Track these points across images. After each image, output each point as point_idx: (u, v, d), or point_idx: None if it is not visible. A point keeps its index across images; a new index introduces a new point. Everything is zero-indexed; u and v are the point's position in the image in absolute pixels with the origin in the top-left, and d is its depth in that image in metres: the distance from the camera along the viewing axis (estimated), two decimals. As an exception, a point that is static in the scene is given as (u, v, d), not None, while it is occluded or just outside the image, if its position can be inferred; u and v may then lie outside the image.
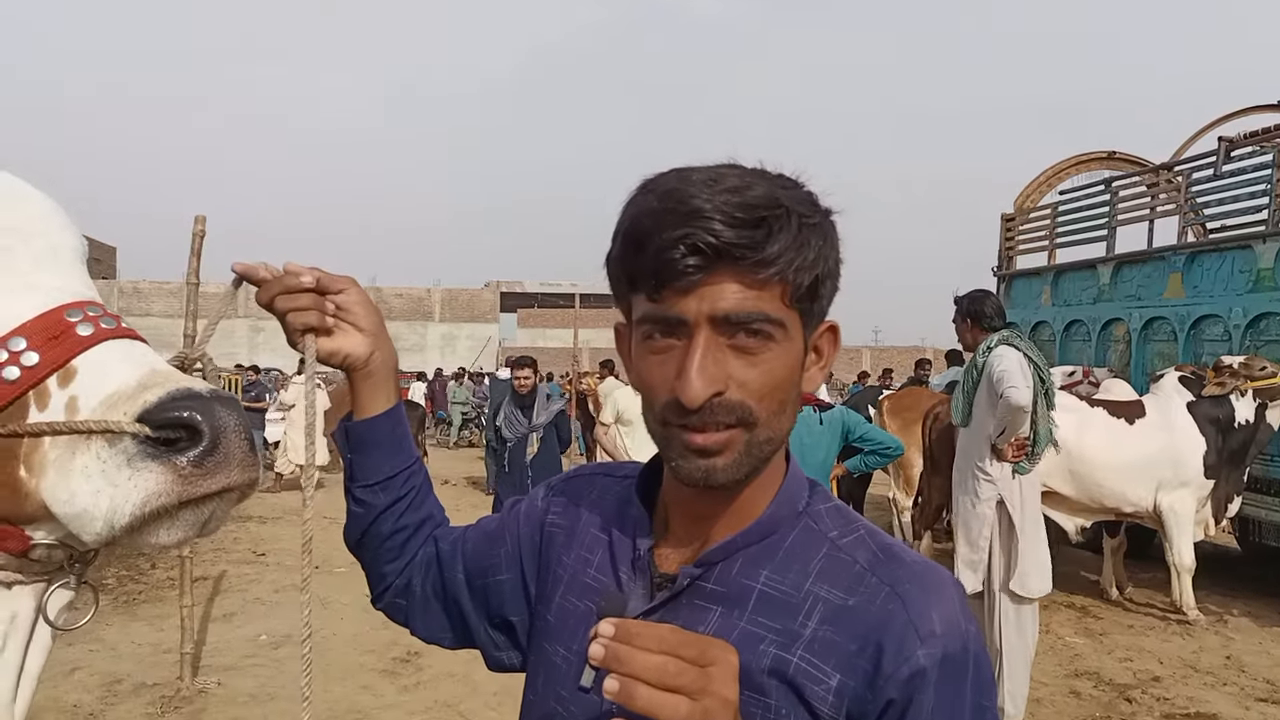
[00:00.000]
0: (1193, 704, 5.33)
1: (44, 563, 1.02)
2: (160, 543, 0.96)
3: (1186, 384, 7.21)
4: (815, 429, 4.71)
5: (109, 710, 4.98)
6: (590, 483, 1.20)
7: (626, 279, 0.95)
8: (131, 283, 43.62)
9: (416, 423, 16.06)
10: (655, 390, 0.94)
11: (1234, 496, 7.19)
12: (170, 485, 0.92)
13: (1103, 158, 11.25)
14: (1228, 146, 8.47)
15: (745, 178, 0.90)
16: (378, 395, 1.20)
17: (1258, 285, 7.61)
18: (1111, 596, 7.72)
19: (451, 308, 45.62)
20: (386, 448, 1.21)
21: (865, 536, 1.00)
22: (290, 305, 1.10)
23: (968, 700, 0.91)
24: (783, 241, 0.88)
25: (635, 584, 1.04)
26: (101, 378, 0.97)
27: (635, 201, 0.94)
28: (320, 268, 1.13)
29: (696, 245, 0.87)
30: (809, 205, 0.93)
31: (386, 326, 1.20)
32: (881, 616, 0.91)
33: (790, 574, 0.97)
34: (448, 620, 1.25)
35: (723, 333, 0.90)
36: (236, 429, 0.96)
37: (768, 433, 0.94)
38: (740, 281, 0.89)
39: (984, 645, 0.95)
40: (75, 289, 1.04)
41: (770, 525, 1.00)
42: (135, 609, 7.02)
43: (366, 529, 1.23)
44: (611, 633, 0.76)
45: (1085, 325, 9.77)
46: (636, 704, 0.73)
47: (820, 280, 0.94)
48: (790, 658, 0.92)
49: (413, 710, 5.09)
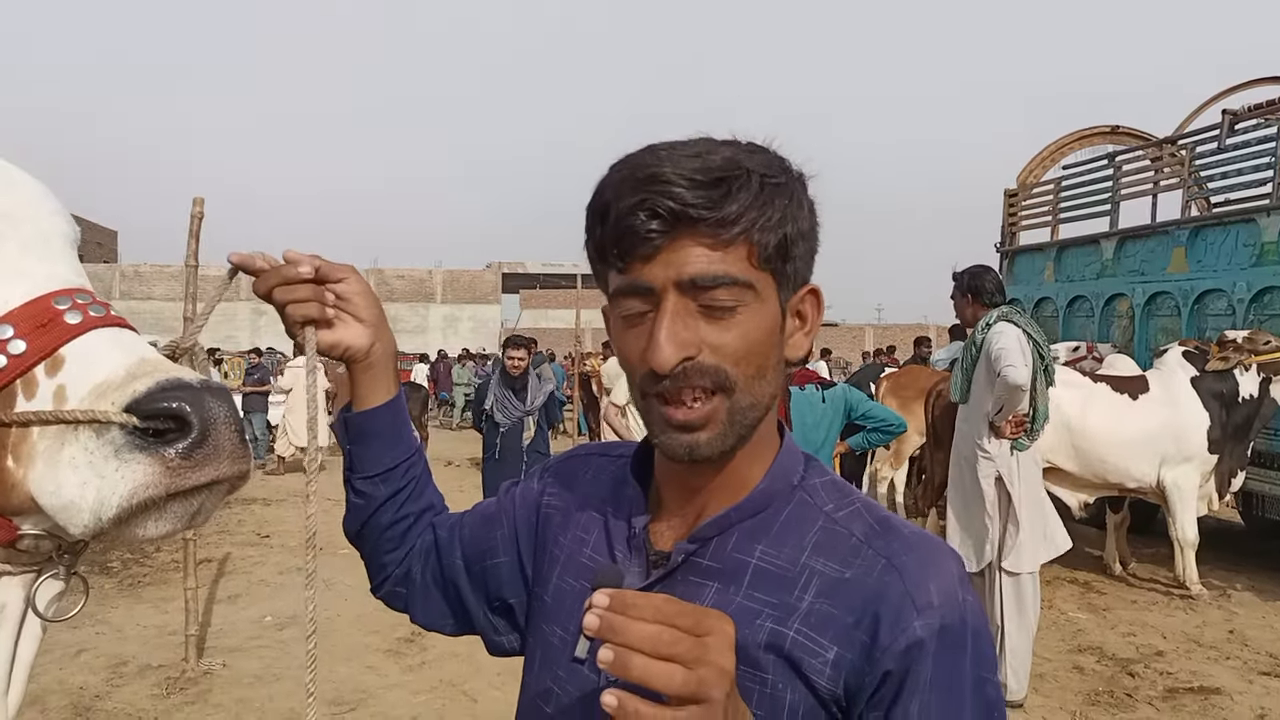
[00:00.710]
0: (1196, 678, 5.34)
1: (32, 553, 1.00)
2: (148, 535, 0.94)
3: (1190, 359, 7.19)
4: (818, 407, 4.70)
5: (115, 692, 5.00)
6: (586, 463, 1.19)
7: (597, 253, 0.95)
8: (133, 266, 43.58)
9: (419, 404, 16.09)
10: (633, 363, 0.94)
11: (1238, 471, 7.18)
12: (158, 477, 0.90)
13: (1106, 132, 11.19)
14: (1232, 120, 8.40)
15: (710, 145, 0.91)
16: (378, 386, 1.18)
17: (1262, 259, 7.57)
18: (1115, 571, 7.73)
19: (453, 289, 45.53)
20: (387, 439, 1.20)
21: (861, 509, 0.99)
22: (289, 297, 1.07)
23: (967, 672, 0.90)
24: (742, 200, 0.88)
25: (631, 562, 1.03)
26: (90, 366, 0.95)
27: (603, 178, 0.94)
28: (320, 255, 1.10)
29: (655, 210, 0.87)
30: (774, 167, 0.92)
31: (387, 309, 1.18)
32: (878, 588, 0.91)
33: (786, 548, 0.96)
34: (447, 606, 1.24)
35: (690, 296, 0.90)
36: (227, 420, 0.94)
37: (748, 398, 0.93)
38: (702, 244, 0.88)
39: (983, 618, 0.94)
40: (65, 276, 1.02)
41: (764, 499, 0.99)
42: (140, 591, 7.05)
43: (367, 520, 1.22)
44: (606, 603, 0.75)
45: (1089, 301, 9.74)
46: (631, 674, 0.72)
47: (790, 240, 0.92)
48: (787, 631, 0.91)
49: (417, 690, 5.11)
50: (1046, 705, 4.92)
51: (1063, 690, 5.16)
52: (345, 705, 4.87)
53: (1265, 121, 8.23)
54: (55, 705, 4.73)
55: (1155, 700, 5.01)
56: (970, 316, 5.02)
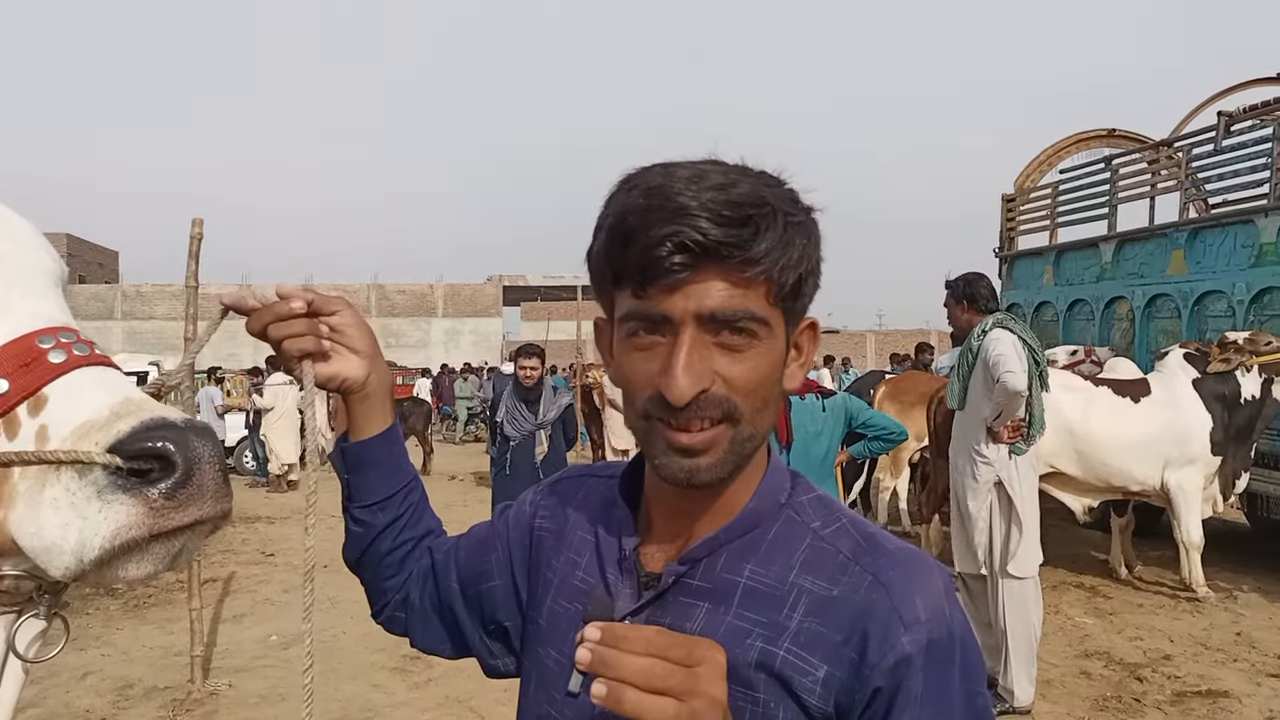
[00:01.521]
0: (1204, 681, 5.33)
1: (12, 594, 0.99)
2: (129, 576, 0.93)
3: (1191, 361, 7.18)
4: (818, 416, 4.70)
5: (121, 714, 4.99)
6: (578, 484, 1.19)
7: (611, 275, 0.94)
8: (134, 286, 43.63)
9: (423, 419, 16.12)
10: (638, 386, 0.93)
11: (1241, 472, 7.17)
12: (141, 518, 0.89)
13: (1102, 135, 11.22)
14: (1228, 121, 8.42)
15: (729, 175, 0.90)
16: (374, 416, 1.19)
17: (1260, 260, 7.57)
18: (1121, 575, 7.71)
19: (454, 303, 45.54)
20: (384, 467, 1.21)
21: (848, 526, 1.00)
22: (285, 332, 1.08)
23: (956, 685, 0.91)
24: (769, 240, 0.88)
25: (623, 584, 1.03)
26: (73, 406, 0.94)
27: (618, 198, 0.93)
28: (313, 289, 1.12)
29: (684, 243, 0.87)
30: (793, 203, 0.93)
31: (389, 324, 1.19)
32: (865, 605, 0.91)
33: (774, 567, 0.97)
34: (445, 630, 1.25)
35: (708, 330, 0.90)
36: (210, 460, 0.93)
37: (750, 429, 0.94)
38: (726, 280, 0.89)
39: (969, 630, 0.95)
40: (49, 314, 1.01)
41: (753, 519, 1.00)
42: (145, 613, 7.05)
43: (366, 548, 1.23)
44: (598, 637, 0.75)
45: (1088, 304, 9.74)
46: (624, 708, 0.73)
47: (803, 279, 0.94)
48: (777, 651, 0.92)
49: (425, 707, 5.10)
50: (1054, 712, 4.90)
51: (1070, 696, 5.14)
52: (352, 724, 4.86)
53: (1261, 122, 8.26)
54: (62, 729, 4.72)
55: (1163, 705, 4.99)
56: (965, 323, 5.04)
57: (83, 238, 45.87)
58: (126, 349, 32.69)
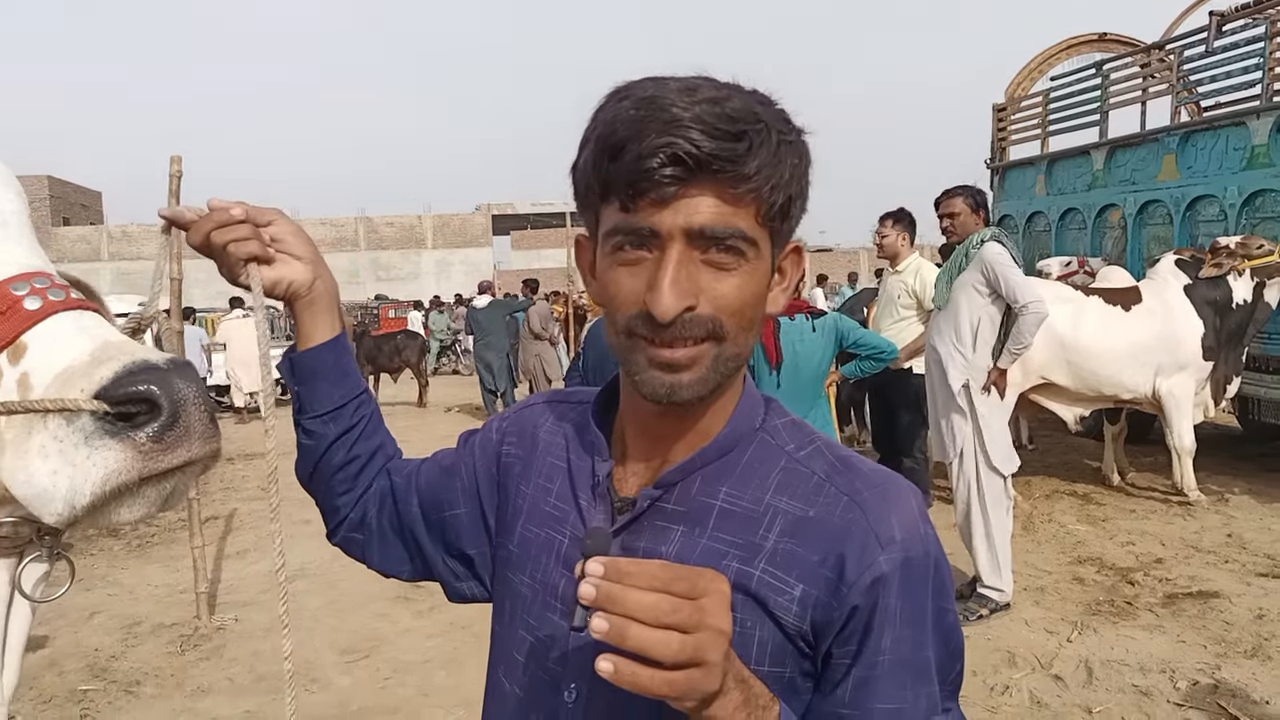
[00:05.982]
0: (1194, 582, 5.42)
1: (12, 538, 1.00)
2: (122, 520, 0.94)
3: (1183, 267, 7.17)
4: (809, 336, 4.68)
5: (130, 652, 5.07)
6: (545, 409, 1.19)
7: (599, 187, 0.92)
8: (120, 227, 43.23)
9: (417, 352, 16.15)
10: (622, 302, 0.92)
11: (1233, 377, 7.21)
12: (130, 462, 0.90)
13: (1093, 40, 11.03)
14: (1219, 21, 8.27)
15: (722, 89, 0.89)
16: (320, 323, 1.18)
17: (1252, 162, 7.51)
18: (1113, 482, 7.80)
19: (444, 234, 45.20)
20: (333, 377, 1.20)
21: (822, 448, 1.00)
22: (228, 237, 1.08)
23: (929, 603, 0.93)
24: (762, 157, 0.87)
25: (596, 509, 1.04)
26: (54, 352, 0.94)
27: (608, 108, 0.91)
28: (245, 201, 1.11)
29: (676, 155, 0.85)
30: (785, 122, 0.91)
31: (379, 257, 1.17)
32: (842, 525, 0.92)
33: (749, 489, 0.97)
34: (405, 553, 1.25)
35: (696, 247, 0.89)
36: (196, 400, 0.93)
37: (734, 349, 0.93)
38: (718, 196, 0.87)
39: (941, 548, 0.96)
40: (22, 260, 1.00)
41: (728, 443, 1.00)
42: (149, 551, 7.12)
43: (318, 461, 1.23)
44: (601, 571, 0.75)
45: (1080, 213, 9.69)
46: (628, 643, 0.73)
47: (792, 200, 0.93)
48: (753, 571, 0.93)
49: (430, 634, 5.19)
50: (1048, 618, 4.99)
51: (1064, 601, 5.23)
52: (359, 653, 4.94)
53: (1253, 21, 8.11)
54: (72, 668, 4.79)
55: (1155, 607, 5.08)
56: (972, 229, 5.04)
57: (66, 180, 45.28)
58: (115, 290, 32.54)
